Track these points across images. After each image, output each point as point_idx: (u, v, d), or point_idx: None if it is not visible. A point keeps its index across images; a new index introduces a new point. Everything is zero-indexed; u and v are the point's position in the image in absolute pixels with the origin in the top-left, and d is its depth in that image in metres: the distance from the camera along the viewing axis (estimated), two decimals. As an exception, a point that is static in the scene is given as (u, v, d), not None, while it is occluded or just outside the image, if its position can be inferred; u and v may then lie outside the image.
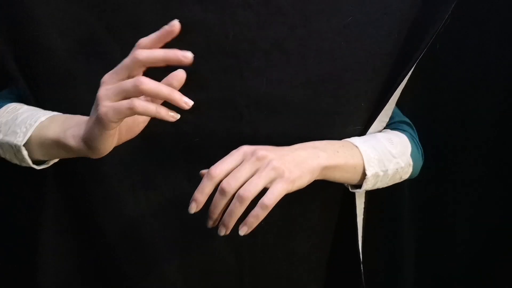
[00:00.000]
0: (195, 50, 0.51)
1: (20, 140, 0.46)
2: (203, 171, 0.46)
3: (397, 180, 0.57)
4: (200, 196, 0.42)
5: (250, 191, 0.41)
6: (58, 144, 0.43)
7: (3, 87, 0.57)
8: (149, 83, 0.37)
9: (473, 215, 0.78)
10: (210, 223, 0.45)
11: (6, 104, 0.52)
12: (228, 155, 0.44)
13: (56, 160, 0.50)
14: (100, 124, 0.38)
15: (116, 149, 0.45)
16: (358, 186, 0.53)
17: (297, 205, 0.56)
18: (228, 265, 0.57)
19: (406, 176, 0.58)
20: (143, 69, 0.40)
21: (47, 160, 0.50)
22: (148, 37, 0.40)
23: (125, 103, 0.37)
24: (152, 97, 0.39)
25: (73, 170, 0.54)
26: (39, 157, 0.47)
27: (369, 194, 0.62)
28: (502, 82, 0.69)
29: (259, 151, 0.43)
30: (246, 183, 0.42)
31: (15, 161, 0.50)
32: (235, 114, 0.53)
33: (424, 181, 0.69)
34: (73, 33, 0.51)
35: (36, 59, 0.51)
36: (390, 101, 0.55)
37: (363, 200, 0.62)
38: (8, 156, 0.50)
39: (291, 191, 0.44)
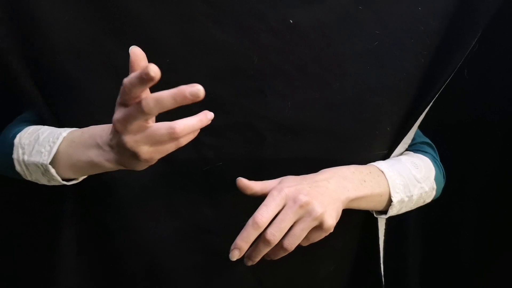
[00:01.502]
0: (217, 73, 0.51)
1: (45, 159, 0.46)
2: (241, 183, 0.46)
3: (420, 204, 0.56)
4: (244, 244, 0.43)
5: (292, 244, 0.44)
6: (93, 166, 0.43)
7: (19, 112, 0.57)
8: (183, 130, 0.36)
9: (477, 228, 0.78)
10: (236, 256, 0.44)
11: (26, 127, 0.52)
12: (270, 199, 0.44)
13: (85, 176, 0.50)
14: (145, 164, 0.40)
15: (138, 174, 0.45)
16: (383, 212, 0.53)
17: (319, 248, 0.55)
18: None
19: (429, 200, 0.57)
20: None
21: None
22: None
23: (172, 145, 0.38)
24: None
25: (93, 195, 0.53)
26: (70, 175, 0.47)
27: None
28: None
29: (301, 197, 0.43)
30: (290, 234, 0.43)
31: (43, 181, 0.49)
32: (257, 138, 0.52)
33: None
34: (93, 58, 0.50)
35: (55, 82, 0.51)
36: (414, 125, 0.54)
37: (384, 222, 0.61)
38: (35, 177, 0.49)
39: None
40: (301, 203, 0.43)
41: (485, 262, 0.78)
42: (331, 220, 0.44)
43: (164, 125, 0.37)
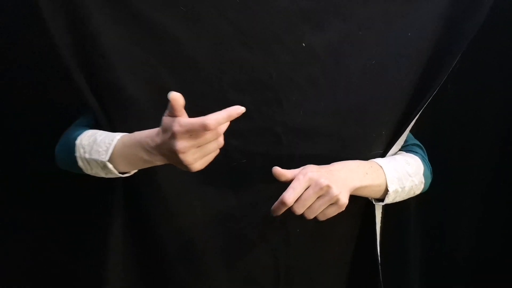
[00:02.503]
0: (242, 86, 0.61)
1: (103, 157, 0.56)
2: (277, 171, 0.56)
3: (411, 195, 0.67)
4: (277, 213, 0.55)
5: (311, 215, 0.55)
6: (145, 162, 0.55)
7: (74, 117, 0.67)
8: (214, 122, 0.47)
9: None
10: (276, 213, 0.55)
11: (85, 131, 0.62)
12: (296, 182, 0.54)
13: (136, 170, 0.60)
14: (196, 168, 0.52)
15: (177, 170, 0.55)
16: (381, 199, 0.63)
17: (325, 223, 0.66)
18: (267, 267, 0.66)
19: (418, 191, 0.67)
20: None
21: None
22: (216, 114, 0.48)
23: (213, 155, 0.52)
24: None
25: (139, 188, 0.64)
26: (124, 169, 0.58)
27: (385, 205, 0.72)
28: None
29: (322, 180, 0.54)
30: (311, 208, 0.55)
31: (102, 175, 0.60)
32: (274, 140, 0.62)
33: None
34: (141, 74, 0.60)
35: (110, 94, 0.61)
36: (407, 127, 0.65)
37: (380, 211, 0.72)
38: (95, 171, 0.60)
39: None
40: (322, 186, 0.53)
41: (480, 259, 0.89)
42: (345, 199, 0.55)
43: (198, 120, 0.47)
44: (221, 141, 0.52)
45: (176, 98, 0.47)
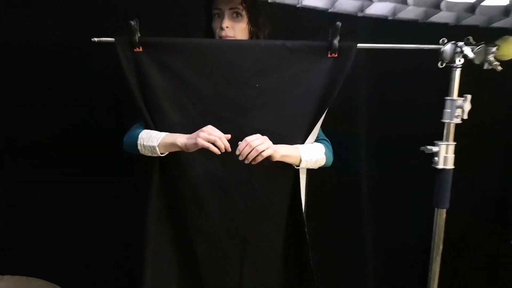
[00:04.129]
0: (227, 107, 1.17)
1: (155, 144, 1.12)
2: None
3: (318, 165, 1.23)
4: (240, 150, 1.08)
5: (260, 148, 1.07)
6: (175, 146, 1.10)
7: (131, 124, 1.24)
8: (222, 143, 1.06)
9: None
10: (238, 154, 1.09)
11: (142, 130, 1.18)
12: (254, 137, 1.09)
13: (167, 152, 1.16)
14: (196, 145, 1.06)
15: (202, 165, 1.15)
16: (298, 166, 1.19)
17: (271, 179, 1.21)
18: (237, 204, 1.23)
19: (322, 163, 1.23)
20: None
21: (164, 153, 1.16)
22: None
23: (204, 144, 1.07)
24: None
25: (168, 160, 1.19)
26: (163, 151, 1.14)
27: (309, 175, 1.28)
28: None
29: (267, 139, 1.09)
30: (259, 145, 1.07)
31: (149, 154, 1.16)
32: (242, 135, 1.17)
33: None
34: (173, 102, 1.17)
35: (156, 113, 1.18)
36: (313, 130, 1.21)
37: (304, 176, 1.28)
38: (146, 152, 1.16)
39: (270, 158, 1.10)
40: (262, 138, 1.08)
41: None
42: (274, 149, 1.10)
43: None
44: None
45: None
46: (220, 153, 1.08)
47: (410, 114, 1.65)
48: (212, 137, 1.06)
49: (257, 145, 1.07)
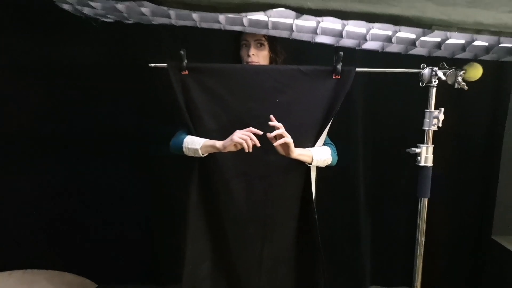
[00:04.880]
0: (252, 116, 1.49)
1: (198, 147, 1.44)
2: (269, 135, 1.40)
3: (326, 163, 1.54)
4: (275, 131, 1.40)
5: (287, 136, 1.40)
6: (214, 148, 1.42)
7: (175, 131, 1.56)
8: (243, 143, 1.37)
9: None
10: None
11: (186, 136, 1.50)
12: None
13: (207, 153, 1.48)
14: (232, 142, 1.38)
15: (222, 154, 1.44)
16: (310, 164, 1.50)
17: (287, 175, 1.52)
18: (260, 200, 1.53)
19: (329, 162, 1.54)
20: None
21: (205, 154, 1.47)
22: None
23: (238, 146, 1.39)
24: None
25: (207, 159, 1.50)
26: (204, 153, 1.46)
27: (318, 172, 1.59)
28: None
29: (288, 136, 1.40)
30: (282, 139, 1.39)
31: (191, 155, 1.48)
32: (264, 137, 1.48)
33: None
34: (211, 113, 1.49)
35: (198, 123, 1.50)
36: (321, 136, 1.53)
37: (314, 174, 1.59)
38: (190, 153, 1.48)
39: (289, 155, 1.42)
40: (288, 134, 1.39)
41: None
42: (293, 147, 1.40)
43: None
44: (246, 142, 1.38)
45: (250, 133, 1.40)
46: (248, 151, 1.38)
47: (398, 123, 2.01)
48: (244, 136, 1.37)
49: (286, 134, 1.40)
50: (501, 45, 1.36)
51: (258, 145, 1.39)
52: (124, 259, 2.52)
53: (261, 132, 1.39)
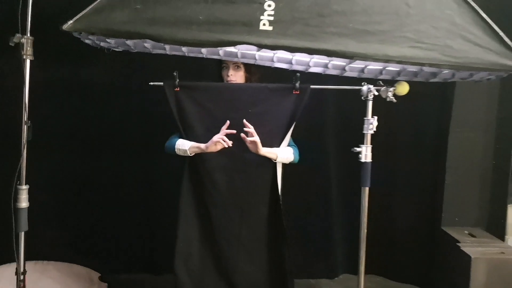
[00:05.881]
0: (232, 123, 1.91)
1: (186, 149, 1.88)
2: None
3: (289, 161, 1.96)
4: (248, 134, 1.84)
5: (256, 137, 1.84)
6: (199, 148, 1.85)
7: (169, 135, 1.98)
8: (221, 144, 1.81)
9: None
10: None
11: (178, 139, 1.92)
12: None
13: (194, 153, 1.90)
14: (212, 143, 1.81)
15: (215, 160, 1.88)
16: (275, 160, 1.92)
17: (259, 168, 1.94)
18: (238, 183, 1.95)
19: (291, 159, 1.96)
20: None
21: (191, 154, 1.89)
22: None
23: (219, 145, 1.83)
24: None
25: (194, 158, 1.92)
26: (191, 153, 1.88)
27: (283, 169, 2.01)
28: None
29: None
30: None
31: (182, 154, 1.91)
32: (239, 136, 1.89)
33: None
34: (198, 121, 1.92)
35: (188, 130, 1.92)
36: (285, 138, 1.95)
37: (280, 169, 2.00)
38: (180, 153, 1.91)
39: (257, 152, 1.85)
40: (257, 136, 1.82)
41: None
42: (260, 146, 1.84)
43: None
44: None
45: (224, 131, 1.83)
46: (227, 146, 1.81)
47: (345, 127, 2.49)
48: (220, 138, 1.81)
49: (255, 134, 1.82)
50: (424, 70, 1.79)
51: (230, 144, 1.82)
52: (124, 252, 2.90)
53: (234, 131, 1.82)
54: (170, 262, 1.97)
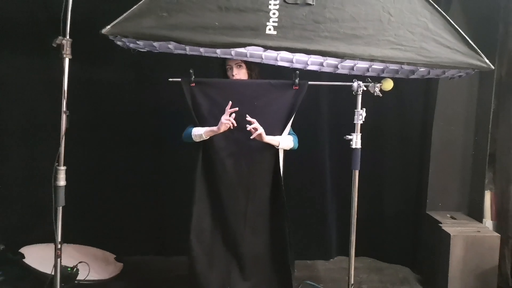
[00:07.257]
0: (237, 116, 2.21)
1: (202, 133, 2.17)
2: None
3: (289, 147, 2.26)
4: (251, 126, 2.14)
5: (259, 128, 2.13)
6: (213, 131, 2.15)
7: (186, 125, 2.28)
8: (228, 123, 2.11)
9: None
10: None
11: (193, 128, 2.22)
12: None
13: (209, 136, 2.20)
14: (221, 124, 2.12)
15: (217, 136, 2.17)
16: (278, 147, 2.21)
17: (263, 153, 2.23)
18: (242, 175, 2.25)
19: (291, 146, 2.26)
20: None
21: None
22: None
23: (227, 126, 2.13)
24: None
25: (207, 141, 2.21)
26: (206, 137, 2.18)
27: (284, 155, 2.31)
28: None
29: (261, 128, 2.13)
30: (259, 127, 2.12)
31: (198, 139, 2.20)
32: (244, 126, 2.18)
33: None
34: (210, 112, 2.22)
35: (201, 120, 2.23)
36: (286, 128, 2.24)
37: (282, 154, 2.30)
38: (197, 139, 2.20)
39: (261, 139, 2.14)
40: (261, 127, 2.12)
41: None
42: (264, 135, 2.13)
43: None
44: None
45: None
46: (232, 127, 2.12)
47: (338, 118, 2.84)
48: (226, 117, 2.10)
49: (259, 127, 2.10)
50: (404, 68, 2.09)
51: (235, 124, 2.12)
52: (137, 236, 3.17)
53: (237, 108, 2.11)
54: (179, 246, 2.26)
